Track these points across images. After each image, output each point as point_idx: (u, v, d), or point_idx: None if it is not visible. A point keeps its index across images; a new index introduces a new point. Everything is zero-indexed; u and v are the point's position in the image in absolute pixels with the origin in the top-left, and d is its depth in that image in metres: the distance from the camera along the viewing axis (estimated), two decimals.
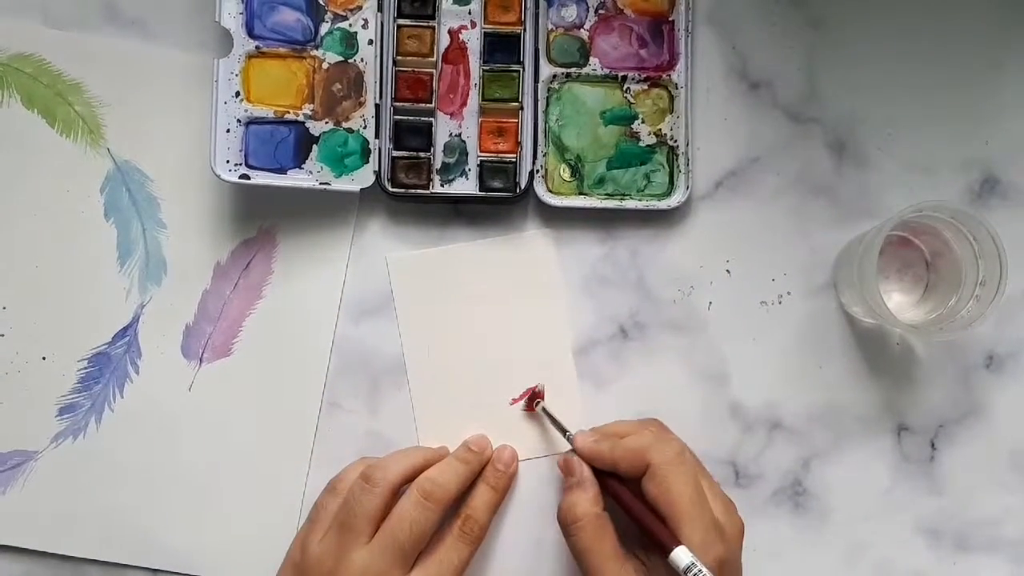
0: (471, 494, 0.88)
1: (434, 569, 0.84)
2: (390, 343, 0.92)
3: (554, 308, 0.91)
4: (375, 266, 0.92)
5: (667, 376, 0.91)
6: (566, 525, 0.83)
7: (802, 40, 0.92)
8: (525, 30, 0.91)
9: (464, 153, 0.91)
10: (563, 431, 0.88)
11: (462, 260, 0.92)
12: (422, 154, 0.90)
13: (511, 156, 0.90)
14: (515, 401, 0.91)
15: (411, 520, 0.84)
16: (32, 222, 0.92)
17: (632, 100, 0.91)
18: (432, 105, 0.91)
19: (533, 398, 0.91)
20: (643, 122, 0.91)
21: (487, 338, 0.92)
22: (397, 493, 0.86)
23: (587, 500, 0.83)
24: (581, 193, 0.91)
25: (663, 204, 0.91)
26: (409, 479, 0.86)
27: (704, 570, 0.76)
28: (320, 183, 0.89)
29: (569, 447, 0.87)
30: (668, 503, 0.80)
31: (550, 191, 0.91)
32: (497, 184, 0.90)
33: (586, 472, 0.85)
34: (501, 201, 0.91)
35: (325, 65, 0.90)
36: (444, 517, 0.86)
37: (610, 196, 0.91)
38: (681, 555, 0.77)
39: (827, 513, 0.91)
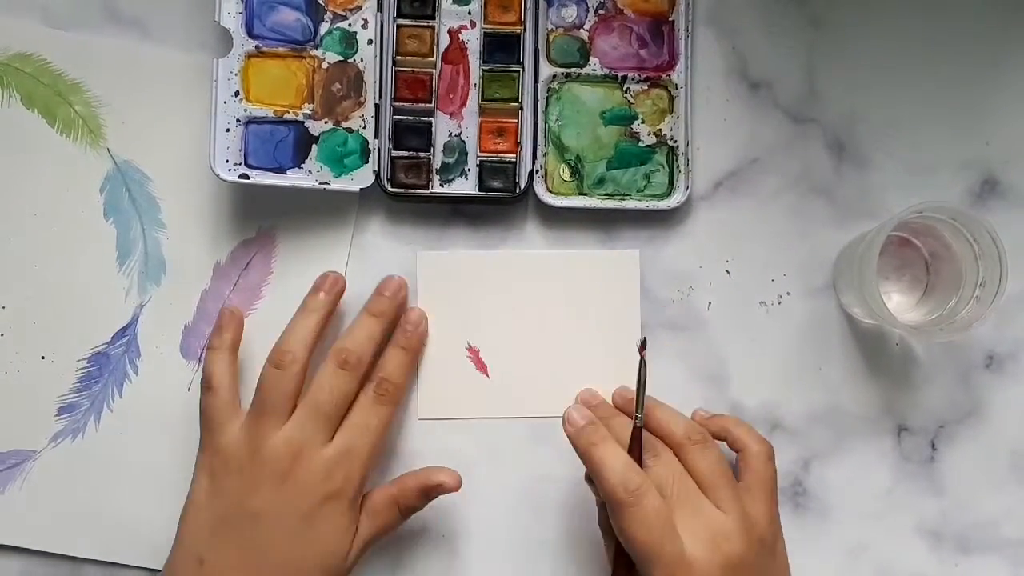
0: (383, 358, 0.88)
1: (355, 434, 0.85)
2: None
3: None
4: (374, 266, 0.92)
5: (666, 376, 0.90)
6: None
7: (802, 40, 0.92)
8: (525, 30, 0.91)
9: (464, 153, 0.91)
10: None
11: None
12: (422, 154, 0.90)
13: (511, 156, 0.90)
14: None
15: (330, 387, 0.85)
16: (32, 222, 0.92)
17: (632, 100, 0.91)
18: (432, 105, 0.90)
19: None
20: (643, 122, 0.91)
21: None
22: (307, 366, 0.86)
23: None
24: (581, 193, 0.91)
25: (663, 204, 0.90)
26: (315, 346, 0.87)
27: None
28: (319, 183, 0.89)
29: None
30: (634, 549, 0.78)
31: (550, 191, 0.91)
32: (497, 184, 0.90)
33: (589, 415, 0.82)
34: (501, 201, 0.91)
35: (325, 65, 0.90)
36: (363, 381, 0.87)
37: (610, 196, 0.91)
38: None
39: (827, 514, 0.90)
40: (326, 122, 0.89)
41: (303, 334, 0.87)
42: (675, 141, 0.91)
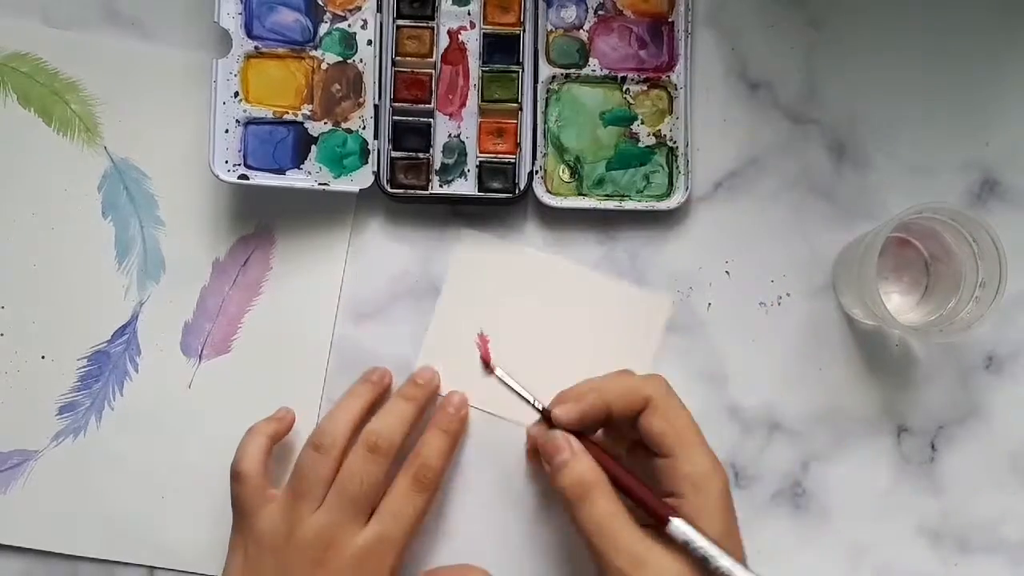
0: (422, 441, 0.88)
1: (390, 522, 0.84)
2: (389, 343, 0.92)
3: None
4: (374, 267, 0.92)
5: (666, 377, 0.90)
6: (579, 497, 0.78)
7: (802, 41, 0.92)
8: (524, 31, 0.90)
9: (463, 154, 0.91)
10: (531, 403, 0.84)
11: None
12: (421, 155, 0.90)
13: (510, 157, 0.90)
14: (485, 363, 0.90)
15: (361, 474, 0.84)
16: (30, 221, 0.92)
17: (631, 101, 0.91)
18: (431, 106, 0.90)
19: (487, 361, 0.89)
20: (642, 123, 0.91)
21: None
22: (346, 451, 0.86)
23: (592, 466, 0.79)
24: (580, 194, 0.91)
25: (662, 205, 0.90)
26: (356, 432, 0.87)
27: (701, 542, 0.76)
28: (319, 184, 0.89)
29: (538, 418, 0.84)
30: (676, 433, 0.78)
31: (549, 192, 0.91)
32: (496, 185, 0.90)
33: (575, 444, 0.80)
34: (500, 202, 0.91)
35: (324, 65, 0.89)
36: (396, 463, 0.86)
37: (609, 197, 0.91)
38: (678, 525, 0.77)
39: (827, 514, 0.90)
40: (325, 123, 0.89)
41: (345, 419, 0.86)
42: (675, 142, 0.91)
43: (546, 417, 0.83)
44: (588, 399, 0.81)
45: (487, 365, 0.88)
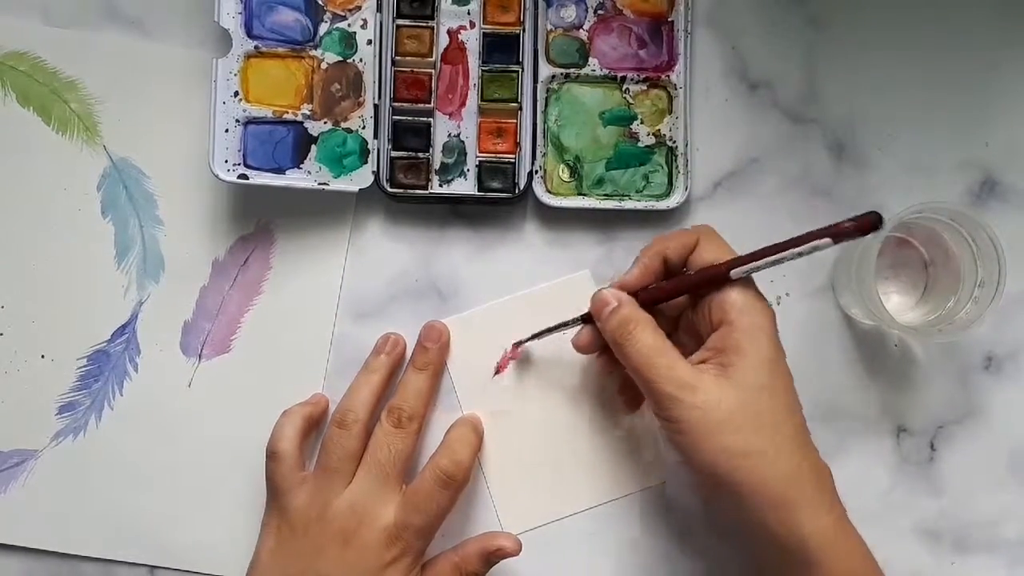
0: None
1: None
2: None
3: None
4: (373, 266, 0.92)
5: None
6: (624, 336, 0.80)
7: (802, 40, 0.92)
8: (524, 30, 0.90)
9: (463, 153, 0.91)
10: (571, 321, 0.86)
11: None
12: (421, 154, 0.90)
13: (510, 156, 0.90)
14: (500, 370, 0.92)
15: (388, 447, 0.85)
16: (29, 221, 0.92)
17: (631, 101, 0.91)
18: (431, 105, 0.90)
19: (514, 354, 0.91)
20: (642, 123, 0.91)
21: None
22: (369, 425, 0.87)
23: (636, 308, 0.81)
24: (580, 194, 0.91)
25: (662, 205, 0.91)
26: (377, 405, 0.88)
27: (763, 262, 0.79)
28: (319, 183, 0.89)
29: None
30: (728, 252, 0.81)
31: (549, 192, 0.91)
32: (496, 184, 0.90)
33: (621, 294, 0.82)
34: (500, 202, 0.91)
35: (324, 65, 0.89)
36: (422, 433, 0.88)
37: (609, 197, 0.91)
38: (737, 271, 0.79)
39: None
40: (325, 122, 0.89)
41: (365, 394, 0.88)
42: (674, 141, 0.91)
43: (587, 320, 0.85)
44: (645, 253, 0.83)
45: (498, 371, 0.91)
